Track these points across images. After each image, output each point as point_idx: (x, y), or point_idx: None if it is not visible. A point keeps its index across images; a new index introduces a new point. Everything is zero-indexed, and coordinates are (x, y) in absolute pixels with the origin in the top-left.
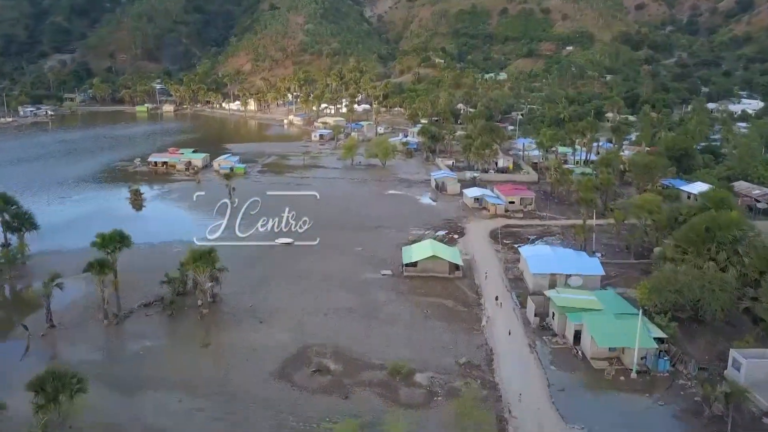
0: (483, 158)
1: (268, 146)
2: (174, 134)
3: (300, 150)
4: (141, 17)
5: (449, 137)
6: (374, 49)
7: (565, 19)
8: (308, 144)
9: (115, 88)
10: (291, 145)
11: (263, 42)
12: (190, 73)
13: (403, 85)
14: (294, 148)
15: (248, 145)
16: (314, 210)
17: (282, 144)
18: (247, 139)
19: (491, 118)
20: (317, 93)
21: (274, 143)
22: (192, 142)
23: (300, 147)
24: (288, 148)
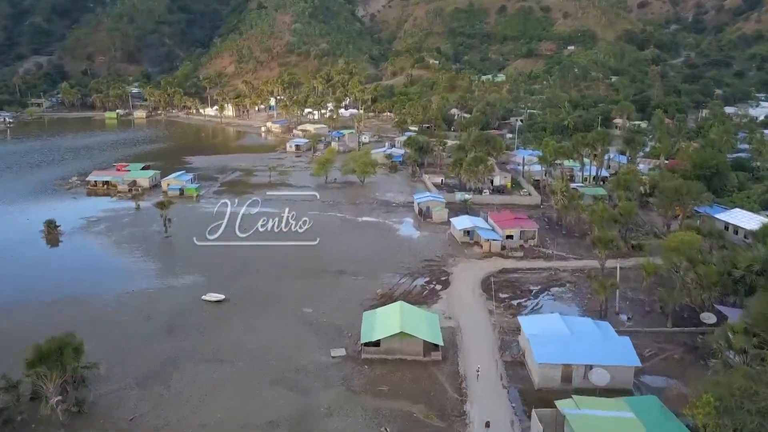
0: (476, 176)
1: (235, 159)
2: (139, 144)
3: (272, 163)
4: (121, 17)
5: (439, 149)
6: (366, 50)
7: (566, 18)
8: (282, 155)
9: (86, 93)
10: (262, 157)
11: (248, 43)
12: (170, 76)
13: (395, 87)
14: (265, 160)
15: (214, 157)
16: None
17: (252, 156)
18: (216, 150)
19: (488, 125)
20: (297, 98)
21: (243, 155)
22: (154, 153)
23: (272, 159)
24: (257, 161)
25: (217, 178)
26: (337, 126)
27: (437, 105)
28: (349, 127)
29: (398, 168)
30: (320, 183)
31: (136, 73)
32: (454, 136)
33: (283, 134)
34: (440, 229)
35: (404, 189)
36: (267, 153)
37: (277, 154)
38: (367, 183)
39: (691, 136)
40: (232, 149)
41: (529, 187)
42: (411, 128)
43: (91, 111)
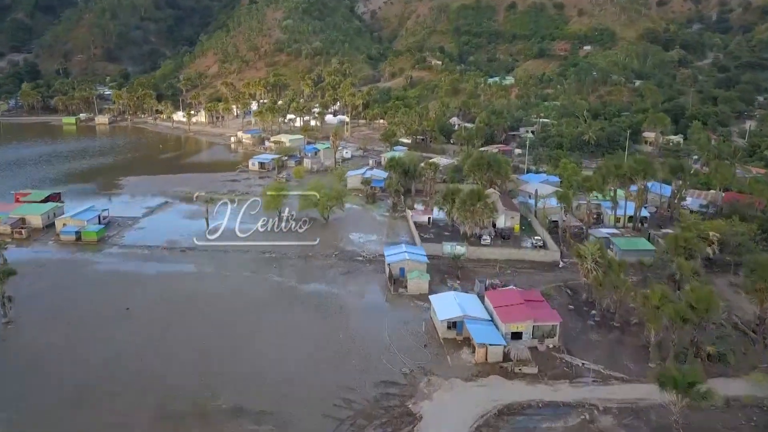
0: (473, 217)
1: (183, 180)
2: (82, 157)
3: (223, 187)
4: (104, 13)
5: (430, 173)
6: (364, 49)
7: (581, 15)
8: (242, 175)
9: (48, 95)
10: (216, 177)
11: (235, 40)
12: (146, 76)
13: (392, 91)
14: (217, 183)
15: (158, 178)
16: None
17: (205, 177)
18: (167, 167)
19: (492, 137)
20: (271, 103)
21: (196, 175)
22: (89, 171)
23: (227, 181)
24: (209, 184)
25: (137, 218)
26: (320, 136)
27: (435, 112)
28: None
29: (378, 197)
30: (273, 220)
31: (115, 72)
32: (453, 150)
33: (254, 146)
34: (417, 307)
35: (380, 230)
36: (224, 172)
37: (236, 174)
38: (332, 220)
39: (744, 156)
40: (187, 166)
41: (544, 233)
42: (403, 140)
43: (53, 115)
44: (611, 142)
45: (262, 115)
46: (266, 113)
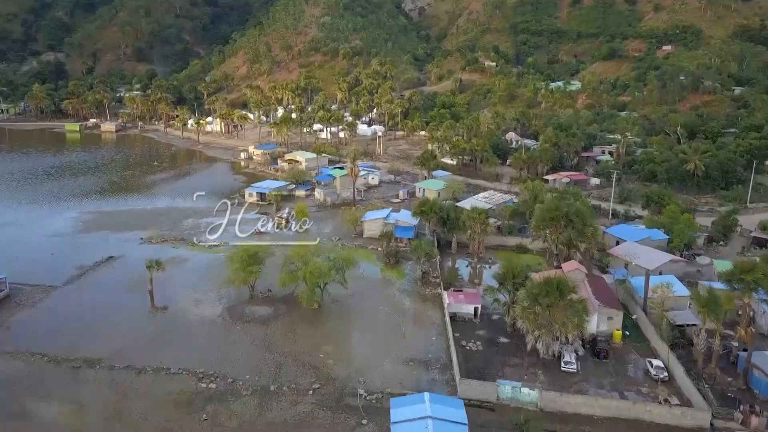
0: (553, 325)
1: (150, 217)
2: (57, 176)
3: (195, 230)
4: (137, 10)
5: (479, 226)
6: (409, 49)
7: (658, 11)
8: (231, 208)
9: (64, 97)
10: (198, 212)
11: (268, 39)
12: (167, 78)
13: (439, 96)
14: (186, 224)
15: (120, 213)
16: None
17: (184, 211)
18: (143, 194)
19: (561, 162)
20: (284, 114)
21: (173, 208)
22: (54, 193)
23: (204, 219)
24: (176, 225)
25: (54, 287)
26: (352, 153)
27: (488, 126)
28: (368, 154)
29: (404, 252)
30: (239, 298)
31: (142, 73)
32: (510, 177)
33: (263, 165)
34: None
35: (395, 331)
36: (217, 202)
37: (220, 206)
38: (330, 304)
39: None
40: (170, 193)
41: (668, 357)
42: (446, 162)
43: (63, 120)
44: (726, 173)
45: (278, 126)
46: (283, 124)
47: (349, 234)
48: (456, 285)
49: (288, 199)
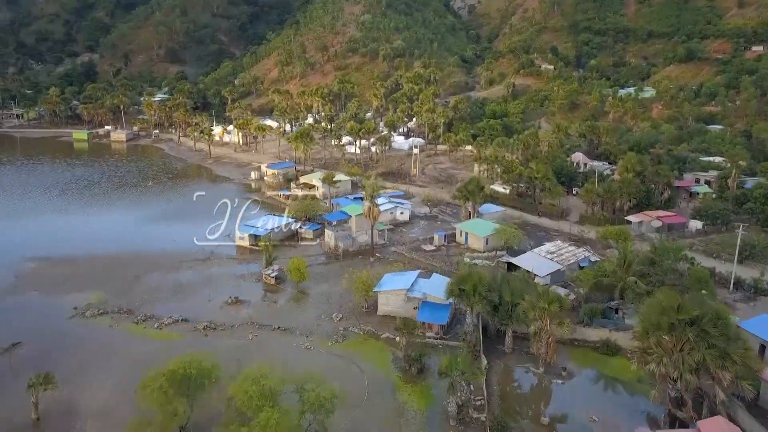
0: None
1: (97, 274)
2: (29, 196)
3: (152, 298)
4: (173, 9)
5: (547, 317)
6: (456, 50)
7: (742, 7)
8: (208, 264)
9: (77, 102)
10: (165, 263)
11: (304, 39)
12: (188, 82)
13: (488, 103)
14: (148, 287)
15: (59, 263)
16: None
17: (144, 262)
18: (110, 230)
19: (648, 197)
20: (304, 128)
21: (135, 254)
22: (14, 221)
23: (172, 279)
24: (133, 286)
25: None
26: (370, 188)
27: (548, 143)
28: (401, 175)
29: (429, 350)
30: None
31: (171, 75)
32: (578, 212)
33: (270, 189)
34: None
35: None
36: (200, 243)
37: (191, 262)
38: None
39: None
40: (141, 228)
41: None
42: (497, 189)
43: (77, 127)
44: None
45: (295, 141)
46: (300, 139)
47: (357, 309)
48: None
49: (291, 241)
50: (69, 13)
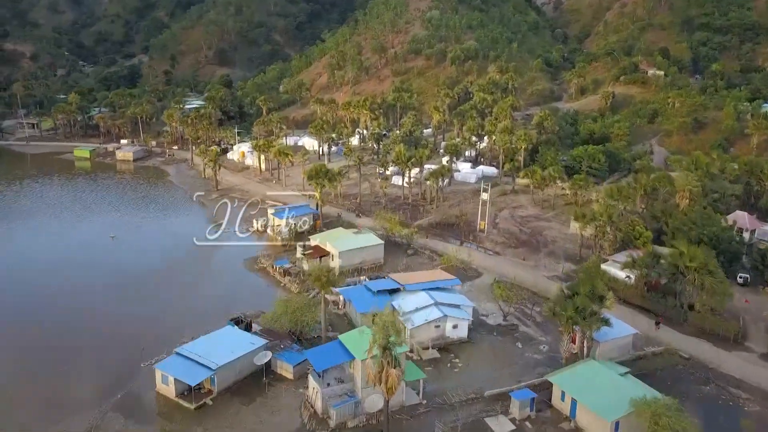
0: None
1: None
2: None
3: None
4: (227, 8)
5: None
6: (540, 52)
7: None
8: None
9: (99, 110)
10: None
11: (361, 39)
12: (216, 88)
13: (581, 118)
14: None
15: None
16: None
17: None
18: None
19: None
20: (315, 166)
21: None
22: None
23: None
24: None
25: None
26: (379, 334)
27: (689, 193)
28: (468, 230)
29: None
30: None
31: (216, 79)
32: (763, 333)
33: (266, 256)
34: None
35: None
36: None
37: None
38: None
39: None
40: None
41: None
42: (613, 274)
43: (90, 141)
44: None
45: (313, 178)
46: (316, 179)
47: None
48: None
49: (253, 386)
50: (129, 13)
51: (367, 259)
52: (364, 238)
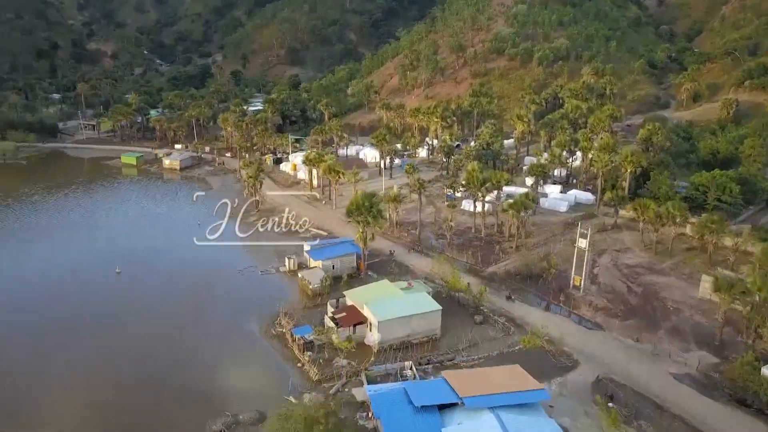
0: None
1: None
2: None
3: None
4: (301, 5)
5: None
6: (642, 51)
7: None
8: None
9: (158, 112)
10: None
11: (437, 37)
12: (278, 89)
13: (696, 131)
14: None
15: None
16: None
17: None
18: None
19: None
20: (359, 197)
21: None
22: None
23: None
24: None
25: None
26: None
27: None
28: (557, 286)
29: None
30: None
31: (285, 79)
32: None
33: (310, 305)
34: None
35: None
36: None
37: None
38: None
39: None
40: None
41: None
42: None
43: (145, 145)
44: None
45: (354, 215)
46: (361, 215)
47: None
48: None
49: None
50: (210, 12)
51: (418, 331)
52: (415, 300)
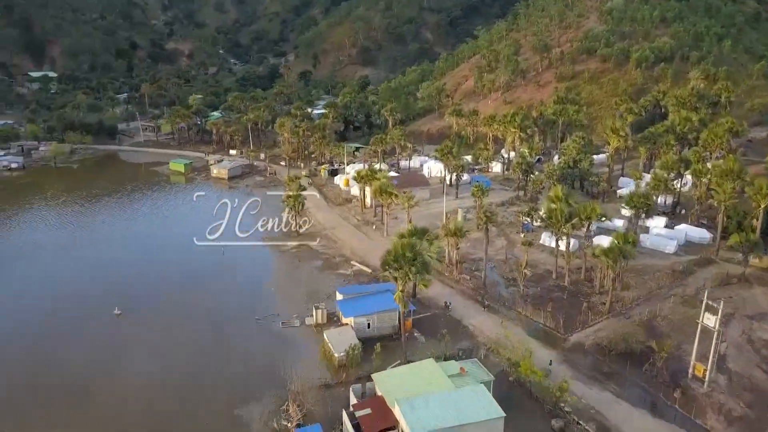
0: None
1: None
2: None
3: None
4: (376, 3)
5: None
6: (764, 51)
7: None
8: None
9: (212, 116)
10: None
11: (520, 36)
12: (348, 90)
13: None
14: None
15: None
16: None
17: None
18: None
19: None
20: (402, 237)
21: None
22: None
23: None
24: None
25: None
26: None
27: None
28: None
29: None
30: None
31: (353, 80)
32: None
33: (336, 382)
34: None
35: None
36: None
37: None
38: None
39: None
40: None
41: None
42: None
43: (201, 149)
44: None
45: (392, 266)
46: (401, 268)
47: None
48: None
49: None
50: (288, 12)
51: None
52: (468, 398)
